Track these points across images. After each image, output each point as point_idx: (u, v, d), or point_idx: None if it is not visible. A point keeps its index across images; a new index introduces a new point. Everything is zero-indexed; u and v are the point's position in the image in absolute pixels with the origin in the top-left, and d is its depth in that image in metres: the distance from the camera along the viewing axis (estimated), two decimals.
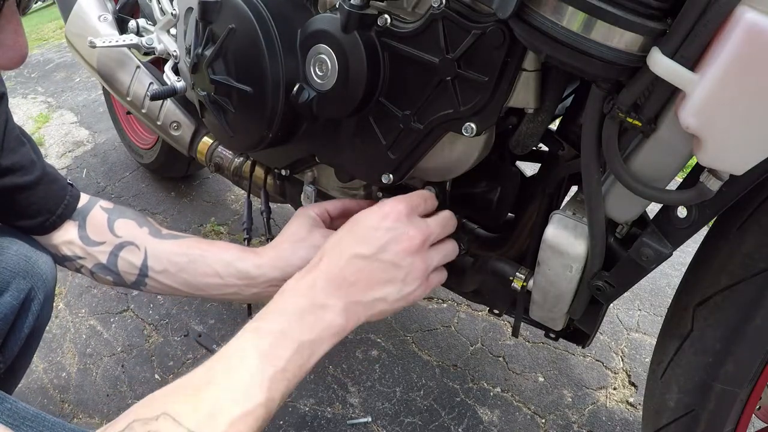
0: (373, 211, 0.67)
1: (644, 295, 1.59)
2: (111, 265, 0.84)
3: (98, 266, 0.84)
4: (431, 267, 0.69)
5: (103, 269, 0.84)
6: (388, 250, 0.64)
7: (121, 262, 0.83)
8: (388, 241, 0.64)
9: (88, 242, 0.84)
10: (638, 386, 1.34)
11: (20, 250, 0.83)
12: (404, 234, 0.65)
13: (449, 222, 0.72)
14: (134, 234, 0.84)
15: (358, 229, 0.66)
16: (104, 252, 0.83)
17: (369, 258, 0.64)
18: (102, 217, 0.86)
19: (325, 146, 0.84)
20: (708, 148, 0.52)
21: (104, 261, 0.84)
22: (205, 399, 0.54)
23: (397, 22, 0.69)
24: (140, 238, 0.84)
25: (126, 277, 0.84)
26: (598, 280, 0.72)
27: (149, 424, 0.51)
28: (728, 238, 0.68)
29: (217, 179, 2.02)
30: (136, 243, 0.83)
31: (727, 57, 0.46)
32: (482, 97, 0.65)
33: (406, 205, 0.67)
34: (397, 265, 0.65)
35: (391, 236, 0.65)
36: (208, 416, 0.52)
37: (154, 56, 1.20)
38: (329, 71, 0.72)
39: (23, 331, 0.87)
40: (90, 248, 0.84)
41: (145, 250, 0.83)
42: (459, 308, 1.53)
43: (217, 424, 0.52)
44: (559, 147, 0.78)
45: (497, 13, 0.55)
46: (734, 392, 0.71)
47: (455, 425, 1.23)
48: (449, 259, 0.73)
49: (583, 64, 0.52)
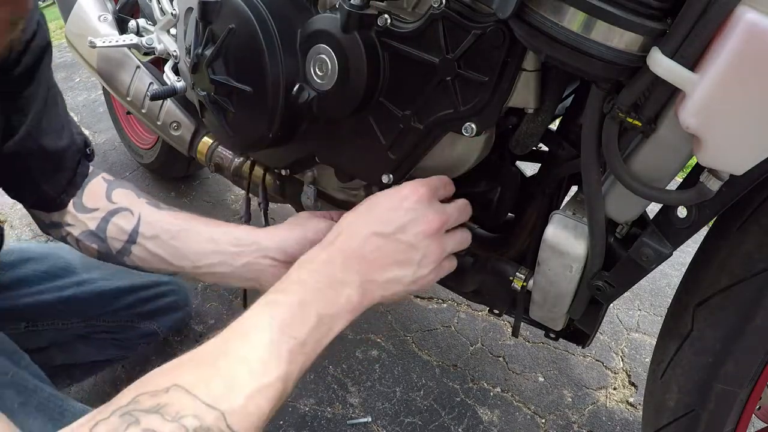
0: (394, 191, 0.67)
1: (644, 295, 1.59)
2: (100, 231, 0.80)
3: (85, 233, 0.81)
4: (446, 253, 0.68)
5: (90, 236, 0.81)
6: (407, 231, 0.64)
7: (111, 227, 0.80)
8: (407, 222, 0.64)
9: (81, 209, 0.81)
10: (638, 386, 1.34)
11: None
12: (424, 216, 0.65)
13: (466, 209, 0.72)
14: (131, 201, 0.81)
15: (378, 209, 0.66)
16: (95, 218, 0.80)
17: (388, 237, 0.63)
18: (101, 186, 0.83)
19: (325, 146, 0.84)
20: (708, 148, 0.52)
21: (93, 227, 0.80)
22: (220, 371, 0.50)
23: (397, 22, 0.69)
24: (136, 205, 0.81)
25: (112, 244, 0.80)
26: (598, 280, 0.72)
27: (158, 396, 0.47)
28: (728, 238, 0.68)
29: (217, 179, 2.02)
30: (131, 209, 0.80)
31: (727, 57, 0.46)
32: (482, 97, 0.65)
33: (427, 188, 0.67)
34: (415, 247, 0.64)
35: (411, 217, 0.64)
36: (225, 388, 0.49)
37: (154, 56, 1.20)
38: (329, 71, 0.72)
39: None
40: (81, 215, 0.81)
41: (139, 216, 0.80)
42: (459, 308, 1.53)
43: (234, 396, 0.49)
44: (559, 147, 0.78)
45: (497, 13, 0.55)
46: (734, 392, 0.71)
47: (455, 425, 1.23)
48: (463, 247, 0.72)
49: (583, 64, 0.52)
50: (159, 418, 0.45)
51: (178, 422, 0.45)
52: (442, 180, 0.71)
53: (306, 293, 0.58)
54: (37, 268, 0.98)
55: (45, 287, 0.98)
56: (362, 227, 0.64)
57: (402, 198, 0.65)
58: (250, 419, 0.49)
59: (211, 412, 0.47)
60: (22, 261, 0.97)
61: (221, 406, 0.47)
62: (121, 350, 1.18)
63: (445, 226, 0.67)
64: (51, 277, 0.99)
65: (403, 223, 0.64)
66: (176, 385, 0.48)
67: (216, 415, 0.47)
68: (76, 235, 0.82)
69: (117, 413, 0.46)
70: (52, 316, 0.99)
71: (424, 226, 0.64)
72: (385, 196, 0.66)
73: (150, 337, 1.22)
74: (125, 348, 1.19)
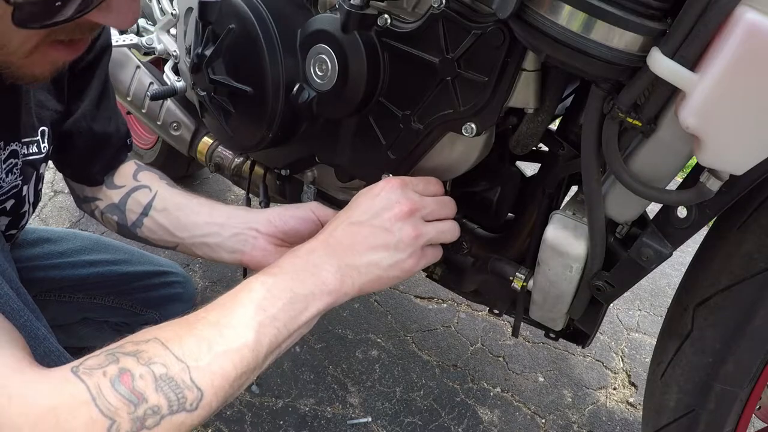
0: (370, 187, 0.72)
1: (644, 295, 1.59)
2: (121, 205, 0.89)
3: (110, 206, 0.90)
4: (424, 238, 0.71)
5: (113, 209, 0.90)
6: (380, 216, 0.68)
7: (130, 201, 0.89)
8: (380, 209, 0.69)
9: (111, 185, 0.91)
10: (638, 386, 1.34)
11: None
12: (396, 202, 0.69)
13: (446, 203, 0.74)
14: (152, 181, 0.91)
15: (355, 202, 0.71)
16: (120, 193, 0.90)
17: (363, 224, 0.68)
18: (131, 168, 0.93)
19: (325, 146, 0.84)
20: (708, 148, 0.52)
21: (116, 201, 0.90)
22: (194, 331, 0.57)
23: (397, 22, 0.69)
24: (156, 184, 0.90)
25: (129, 216, 0.89)
26: (598, 280, 0.72)
27: (139, 345, 0.55)
28: (728, 238, 0.68)
29: (217, 179, 2.02)
30: (150, 186, 0.90)
31: (727, 57, 0.46)
32: (482, 97, 0.65)
33: (399, 180, 0.71)
34: (388, 230, 0.68)
35: (383, 204, 0.69)
36: (195, 346, 0.55)
37: (154, 56, 1.20)
38: (329, 71, 0.72)
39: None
40: (109, 190, 0.91)
41: (155, 192, 0.89)
42: (459, 308, 1.53)
43: (202, 353, 0.55)
44: (559, 147, 0.78)
45: (497, 13, 0.55)
46: (734, 392, 0.71)
47: (455, 425, 1.23)
48: (446, 237, 0.74)
49: (583, 64, 0.52)
50: (134, 361, 0.53)
51: (147, 366, 0.53)
52: (425, 178, 0.75)
53: (284, 274, 0.64)
54: (53, 248, 1.05)
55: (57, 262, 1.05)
56: (341, 220, 0.70)
57: (376, 190, 0.70)
58: (212, 377, 0.54)
59: (178, 363, 0.53)
60: (41, 241, 1.04)
61: (187, 361, 0.54)
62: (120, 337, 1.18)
63: (418, 212, 0.70)
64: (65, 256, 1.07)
65: (375, 210, 0.69)
66: (156, 338, 0.56)
67: (181, 367, 0.53)
68: (102, 208, 0.91)
69: (105, 351, 0.55)
70: (59, 290, 1.03)
71: (396, 210, 0.69)
72: (363, 192, 0.71)
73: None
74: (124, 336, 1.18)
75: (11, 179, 0.76)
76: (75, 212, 1.72)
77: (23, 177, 0.77)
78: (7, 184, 0.75)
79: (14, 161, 0.76)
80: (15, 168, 0.76)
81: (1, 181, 0.74)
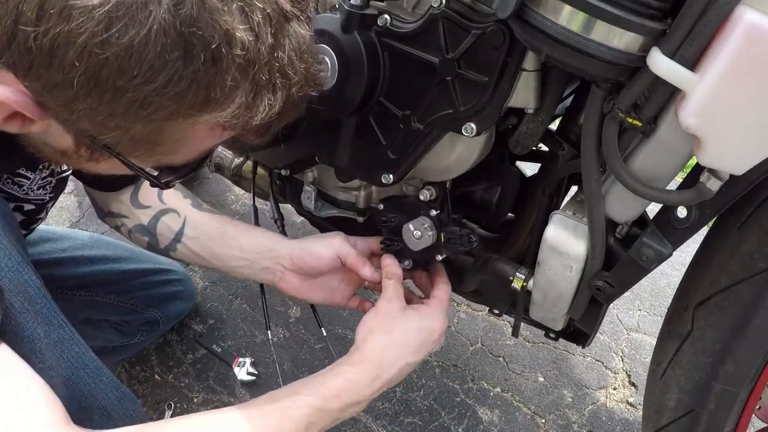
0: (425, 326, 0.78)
1: (644, 295, 1.59)
2: (151, 228, 0.92)
3: (138, 227, 0.93)
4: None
5: (142, 230, 0.93)
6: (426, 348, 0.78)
7: (160, 225, 0.92)
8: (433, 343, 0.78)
9: (137, 204, 0.93)
10: (638, 386, 1.34)
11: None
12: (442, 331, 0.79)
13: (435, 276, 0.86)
14: (178, 203, 0.93)
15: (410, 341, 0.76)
16: (148, 215, 0.92)
17: (418, 360, 0.77)
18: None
19: (325, 146, 0.84)
20: (708, 148, 0.52)
21: (145, 223, 0.92)
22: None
23: (397, 22, 0.69)
24: (182, 207, 0.93)
25: (161, 240, 0.92)
26: (598, 280, 0.72)
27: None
28: (728, 238, 0.68)
29: (217, 179, 2.01)
30: (178, 210, 0.92)
31: (727, 57, 0.46)
32: (482, 97, 0.65)
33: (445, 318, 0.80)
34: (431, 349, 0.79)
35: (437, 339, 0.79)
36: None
37: None
38: (329, 71, 0.72)
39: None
40: (136, 210, 0.93)
41: (185, 217, 0.92)
42: (459, 308, 1.53)
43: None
44: (559, 147, 0.78)
45: (497, 13, 0.55)
46: (734, 392, 0.71)
47: (455, 425, 1.23)
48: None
49: (583, 64, 0.52)
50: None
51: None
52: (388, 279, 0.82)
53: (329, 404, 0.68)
54: (54, 246, 1.07)
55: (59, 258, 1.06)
56: (398, 359, 0.74)
57: (430, 333, 0.77)
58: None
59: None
60: (42, 240, 1.06)
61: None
62: (121, 336, 1.19)
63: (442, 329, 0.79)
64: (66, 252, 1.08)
65: (431, 348, 0.78)
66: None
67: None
68: (129, 227, 0.94)
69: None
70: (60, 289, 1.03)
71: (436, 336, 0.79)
72: (417, 332, 0.77)
73: (150, 326, 1.23)
74: (125, 335, 1.20)
75: (41, 193, 0.79)
76: (75, 212, 1.71)
77: (53, 194, 0.82)
78: (35, 195, 0.78)
79: (51, 179, 0.80)
80: (48, 185, 0.80)
81: (30, 191, 0.77)
